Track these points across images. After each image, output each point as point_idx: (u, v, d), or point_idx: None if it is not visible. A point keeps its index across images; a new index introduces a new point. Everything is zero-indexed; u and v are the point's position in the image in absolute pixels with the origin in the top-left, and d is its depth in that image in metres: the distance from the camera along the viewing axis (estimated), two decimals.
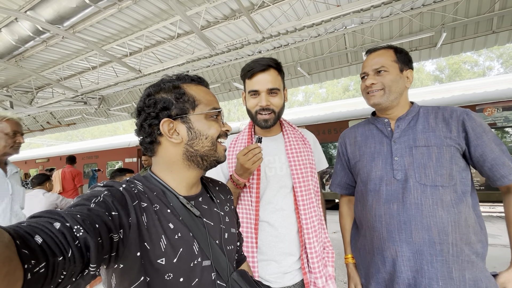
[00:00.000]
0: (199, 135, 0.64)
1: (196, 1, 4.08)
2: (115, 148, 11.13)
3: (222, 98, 7.92)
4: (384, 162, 1.00)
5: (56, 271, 0.36)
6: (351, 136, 1.17)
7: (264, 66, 1.02)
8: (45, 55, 5.41)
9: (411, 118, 1.02)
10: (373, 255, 0.99)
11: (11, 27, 4.17)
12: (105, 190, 0.53)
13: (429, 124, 0.98)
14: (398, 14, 4.76)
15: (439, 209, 0.88)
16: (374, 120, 1.10)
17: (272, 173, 1.08)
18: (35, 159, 13.95)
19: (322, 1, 4.19)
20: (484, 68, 22.88)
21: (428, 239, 0.87)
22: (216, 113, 0.68)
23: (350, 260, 1.15)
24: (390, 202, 0.95)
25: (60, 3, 3.54)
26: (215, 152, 0.67)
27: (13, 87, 6.94)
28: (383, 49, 1.05)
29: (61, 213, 0.43)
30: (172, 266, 0.55)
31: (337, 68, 6.43)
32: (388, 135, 1.03)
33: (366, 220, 1.02)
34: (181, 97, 0.64)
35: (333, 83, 27.62)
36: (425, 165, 0.92)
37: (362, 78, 1.09)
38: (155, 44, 5.35)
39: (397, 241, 0.91)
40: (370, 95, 1.04)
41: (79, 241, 0.41)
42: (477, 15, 4.68)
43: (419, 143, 0.95)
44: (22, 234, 0.35)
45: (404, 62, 1.03)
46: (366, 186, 1.03)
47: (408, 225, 0.90)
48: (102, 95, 8.64)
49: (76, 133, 31.70)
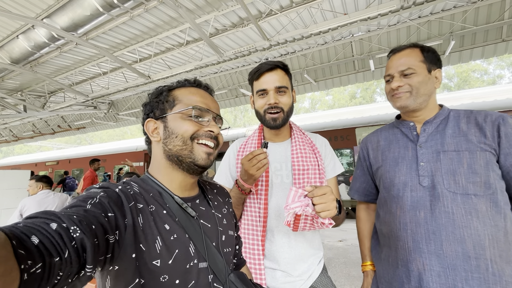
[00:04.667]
0: (171, 134, 0.64)
1: (205, 9, 4.18)
2: (122, 152, 11.30)
3: (229, 104, 8.00)
4: (408, 168, 0.93)
5: (53, 272, 0.36)
6: (373, 141, 1.10)
7: (271, 65, 1.02)
8: (59, 61, 5.58)
9: (439, 122, 0.93)
10: (396, 267, 0.90)
11: (28, 34, 4.34)
12: (101, 191, 0.53)
13: (459, 129, 0.89)
14: (406, 22, 4.77)
15: (474, 219, 0.78)
16: (399, 124, 1.03)
17: (279, 181, 1.05)
18: (45, 162, 14.25)
19: (329, 10, 4.23)
20: (494, 76, 22.53)
21: (461, 253, 0.77)
22: (195, 112, 0.65)
23: (370, 267, 1.06)
24: (416, 209, 0.87)
25: (75, 11, 3.68)
26: (190, 153, 0.64)
27: (27, 91, 7.16)
28: (409, 48, 0.96)
29: (58, 213, 0.43)
30: (167, 268, 0.55)
31: (344, 75, 6.43)
32: (414, 140, 0.95)
33: (389, 229, 0.94)
34: (163, 99, 0.68)
35: (339, 90, 27.55)
36: (455, 171, 0.83)
37: (387, 82, 1.01)
38: (165, 50, 5.47)
39: (425, 253, 0.82)
40: (395, 97, 0.97)
41: (76, 242, 0.41)
42: (486, 23, 4.65)
43: (448, 147, 0.87)
44: (18, 234, 0.35)
45: (432, 62, 0.94)
46: (389, 192, 0.96)
47: (438, 235, 0.81)
48: (112, 100, 8.82)
49: (85, 137, 32.29)
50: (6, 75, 5.95)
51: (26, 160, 15.91)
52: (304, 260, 1.02)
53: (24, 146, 31.47)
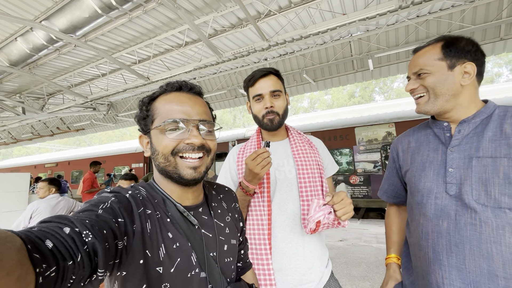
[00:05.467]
0: (154, 151, 0.63)
1: (204, 10, 4.18)
2: (122, 153, 11.29)
3: (228, 104, 8.00)
4: (436, 173, 0.85)
5: (66, 275, 0.37)
6: (404, 142, 1.03)
7: (264, 72, 1.09)
8: (57, 63, 5.57)
9: (479, 122, 0.82)
10: (417, 277, 0.86)
11: (26, 36, 4.33)
12: (112, 196, 0.54)
13: (502, 131, 0.77)
14: (404, 22, 4.78)
15: (507, 235, 0.70)
16: (433, 124, 0.93)
17: (282, 176, 1.08)
18: (44, 164, 14.21)
19: (328, 10, 4.24)
20: (493, 74, 22.60)
21: (487, 270, 0.70)
22: (173, 126, 0.61)
23: (394, 260, 1.01)
24: (439, 219, 0.80)
25: (74, 13, 3.67)
26: (175, 168, 0.61)
27: (26, 94, 7.14)
28: (430, 45, 0.89)
29: (71, 218, 0.44)
30: (169, 276, 0.55)
31: (343, 75, 6.45)
32: (446, 142, 0.86)
33: (413, 238, 0.90)
34: (144, 114, 0.65)
35: (338, 90, 27.61)
36: (488, 180, 0.74)
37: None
38: (164, 52, 5.47)
39: (445, 266, 0.76)
40: (416, 102, 0.91)
41: (88, 246, 0.41)
42: (484, 22, 4.67)
43: (484, 153, 0.77)
44: (33, 238, 0.36)
45: (458, 55, 0.83)
46: (414, 198, 0.91)
47: (461, 248, 0.74)
48: (111, 101, 8.82)
49: (84, 138, 32.23)
50: (5, 77, 5.93)
51: (25, 162, 15.87)
52: (314, 258, 1.03)
53: (23, 148, 31.40)
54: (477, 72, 0.84)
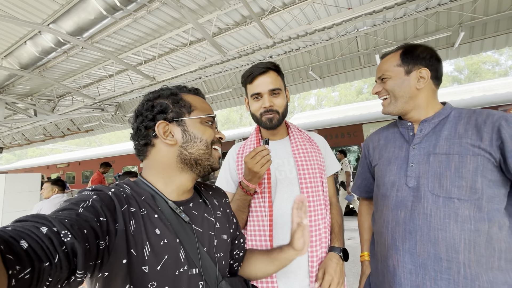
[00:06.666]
0: (194, 138, 0.66)
1: (208, 8, 4.17)
2: (130, 153, 11.46)
3: (234, 103, 7.99)
4: (398, 168, 0.95)
5: (42, 277, 0.35)
6: (375, 139, 1.13)
7: (263, 69, 1.03)
8: (66, 65, 5.67)
9: (437, 122, 0.92)
10: (378, 261, 0.96)
11: (35, 40, 4.42)
12: (94, 194, 0.52)
13: (456, 131, 0.88)
14: (413, 14, 4.65)
15: (452, 223, 0.80)
16: (399, 123, 1.04)
17: (282, 176, 1.05)
18: (56, 164, 14.59)
19: (333, 5, 4.16)
20: (507, 67, 21.83)
21: (433, 254, 0.80)
22: (211, 119, 0.70)
23: (366, 257, 1.11)
24: (398, 209, 0.90)
25: (80, 15, 3.72)
26: (209, 156, 0.68)
27: (37, 96, 7.31)
28: (391, 53, 1.00)
29: (48, 217, 0.42)
30: (155, 274, 0.54)
31: (350, 71, 6.33)
32: (409, 140, 0.97)
33: (377, 226, 0.99)
34: (177, 102, 0.67)
35: (346, 86, 27.22)
36: (441, 174, 0.84)
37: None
38: (169, 51, 5.49)
39: (400, 250, 0.86)
40: (381, 104, 1.03)
41: (66, 247, 0.40)
42: (497, 13, 4.48)
43: (440, 150, 0.87)
44: (7, 238, 0.34)
45: (413, 62, 0.93)
46: (379, 190, 1.00)
47: (413, 235, 0.84)
48: (119, 102, 8.94)
49: (95, 139, 32.91)
50: (16, 80, 6.09)
51: (38, 163, 16.32)
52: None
53: (37, 149, 32.31)
54: (433, 77, 0.94)
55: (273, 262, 0.77)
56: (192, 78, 7.08)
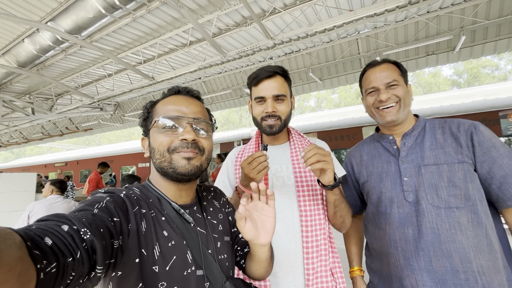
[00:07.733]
0: (152, 149, 0.66)
1: (208, 9, 4.13)
2: (129, 153, 11.41)
3: (234, 104, 7.96)
4: (392, 183, 0.94)
5: (66, 272, 0.38)
6: (356, 156, 1.12)
7: (270, 72, 0.99)
8: (64, 64, 5.63)
9: (417, 134, 0.96)
10: (391, 282, 0.91)
11: (33, 38, 4.37)
12: (107, 196, 0.55)
13: (437, 140, 0.91)
14: (414, 17, 4.63)
15: (458, 233, 0.80)
16: (379, 138, 1.05)
17: (280, 183, 1.01)
18: (54, 163, 14.51)
19: (334, 6, 4.14)
20: (506, 72, 21.89)
21: (450, 267, 0.79)
22: (161, 124, 0.64)
23: (358, 272, 1.09)
24: (404, 226, 0.88)
25: (78, 14, 3.68)
26: (170, 163, 0.63)
27: (35, 94, 7.26)
28: (385, 63, 1.00)
29: (68, 216, 0.44)
30: (165, 274, 0.55)
31: (350, 73, 6.31)
32: (395, 154, 0.97)
33: (380, 245, 0.95)
34: (146, 115, 0.69)
35: (345, 89, 27.24)
36: (436, 185, 0.85)
37: (369, 94, 1.01)
38: (168, 51, 5.45)
39: (416, 270, 0.83)
40: (385, 112, 0.97)
41: (86, 243, 0.42)
42: (499, 17, 4.47)
43: (428, 161, 0.89)
44: (32, 236, 0.36)
45: (404, 76, 1.00)
46: (377, 208, 0.97)
47: (426, 252, 0.82)
48: (117, 101, 8.89)
49: (94, 138, 32.81)
50: (14, 78, 6.03)
51: (35, 161, 16.23)
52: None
53: (35, 148, 32.19)
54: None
55: (253, 260, 0.75)
56: (192, 78, 7.04)
